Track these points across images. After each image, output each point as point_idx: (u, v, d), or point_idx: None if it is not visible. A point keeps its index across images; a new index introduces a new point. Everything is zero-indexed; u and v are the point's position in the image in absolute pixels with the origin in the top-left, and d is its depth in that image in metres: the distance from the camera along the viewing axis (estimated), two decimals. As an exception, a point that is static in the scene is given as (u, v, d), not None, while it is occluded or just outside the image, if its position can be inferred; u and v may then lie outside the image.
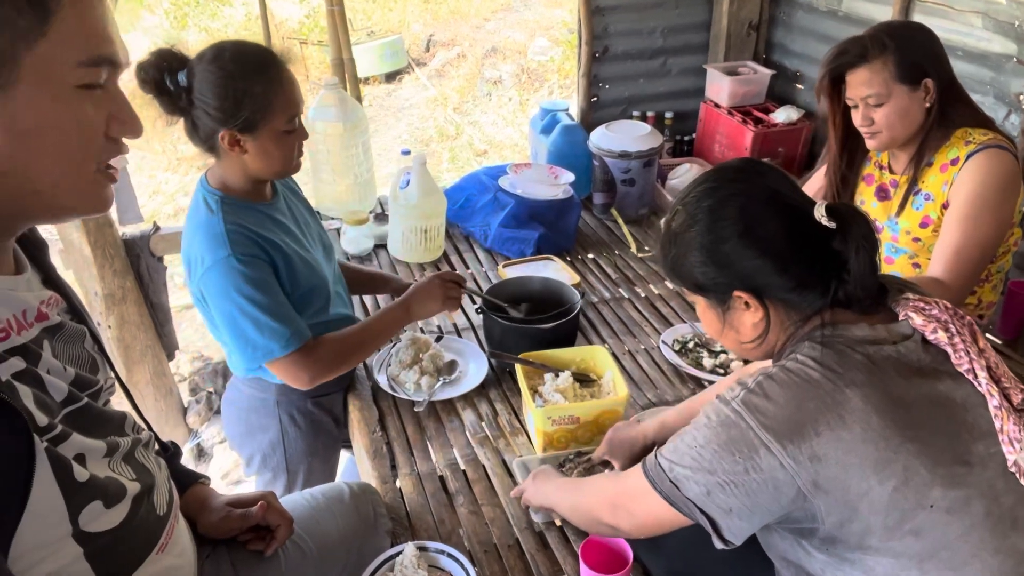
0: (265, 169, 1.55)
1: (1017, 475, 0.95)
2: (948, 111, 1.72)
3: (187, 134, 1.52)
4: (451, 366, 1.90)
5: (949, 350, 0.98)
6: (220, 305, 1.50)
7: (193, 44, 1.49)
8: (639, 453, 1.46)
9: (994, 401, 0.95)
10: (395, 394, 1.82)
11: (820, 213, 1.00)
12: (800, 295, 1.02)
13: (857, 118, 1.76)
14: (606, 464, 1.51)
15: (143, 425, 1.04)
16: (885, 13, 2.53)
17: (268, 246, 1.54)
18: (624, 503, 1.11)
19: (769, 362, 1.10)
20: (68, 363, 0.86)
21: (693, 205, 1.06)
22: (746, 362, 1.92)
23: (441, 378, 1.86)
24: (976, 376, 0.97)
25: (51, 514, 0.76)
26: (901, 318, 1.02)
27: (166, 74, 1.42)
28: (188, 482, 1.20)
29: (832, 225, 0.99)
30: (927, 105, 1.71)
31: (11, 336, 0.78)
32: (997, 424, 0.95)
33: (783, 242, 1.01)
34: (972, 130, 1.72)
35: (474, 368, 1.91)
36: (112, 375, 1.00)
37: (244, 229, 1.51)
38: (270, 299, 1.51)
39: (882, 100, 1.69)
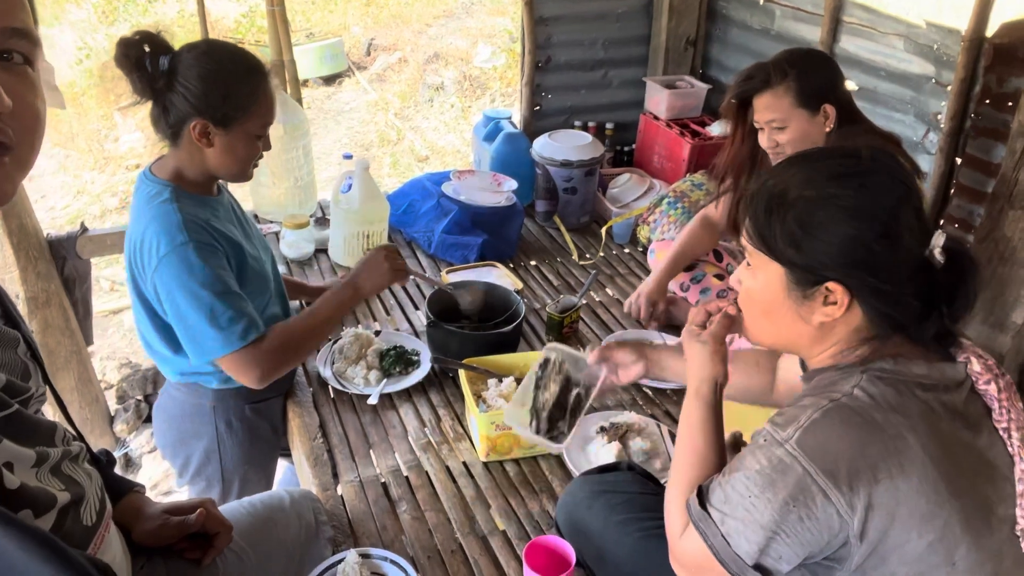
0: (224, 167, 1.55)
1: (1022, 539, 0.94)
2: (848, 135, 1.76)
3: (152, 118, 1.53)
4: None
5: (995, 405, 0.95)
6: (174, 296, 1.47)
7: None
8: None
9: (1023, 465, 0.94)
10: (345, 389, 1.82)
11: (937, 243, 0.93)
12: (891, 309, 0.94)
13: (764, 140, 1.83)
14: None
15: (74, 435, 1.01)
16: (814, 33, 2.65)
17: (221, 238, 1.53)
18: (671, 538, 1.05)
19: (791, 363, 1.10)
20: None
21: (841, 179, 0.94)
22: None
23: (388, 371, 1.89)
24: (1011, 436, 0.94)
25: None
26: (960, 359, 0.98)
27: (148, 55, 1.43)
28: (122, 491, 1.16)
29: (941, 260, 0.93)
30: (827, 130, 1.76)
31: None
32: (1020, 488, 0.93)
33: (913, 253, 0.93)
34: None
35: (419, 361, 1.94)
36: (43, 383, 0.96)
37: (198, 219, 1.50)
38: (228, 289, 1.49)
39: (784, 124, 1.75)
